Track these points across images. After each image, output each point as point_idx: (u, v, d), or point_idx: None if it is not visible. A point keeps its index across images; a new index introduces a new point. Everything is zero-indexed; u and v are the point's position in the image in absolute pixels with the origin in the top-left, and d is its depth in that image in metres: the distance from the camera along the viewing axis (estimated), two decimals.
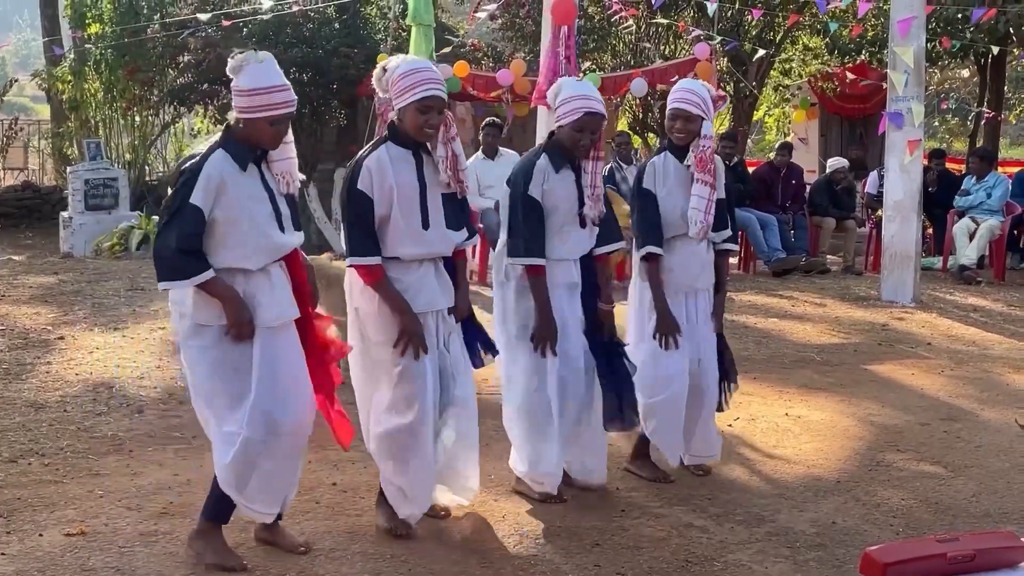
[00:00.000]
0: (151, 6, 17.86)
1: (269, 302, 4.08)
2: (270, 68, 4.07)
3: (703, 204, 5.20)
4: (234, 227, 4.00)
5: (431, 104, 4.33)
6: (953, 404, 6.98)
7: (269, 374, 4.04)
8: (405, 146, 4.42)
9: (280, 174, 4.17)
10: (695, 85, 5.29)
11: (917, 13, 10.71)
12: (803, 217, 13.41)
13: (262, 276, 4.09)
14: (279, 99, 4.02)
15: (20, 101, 41.32)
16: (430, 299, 4.49)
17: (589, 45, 20.65)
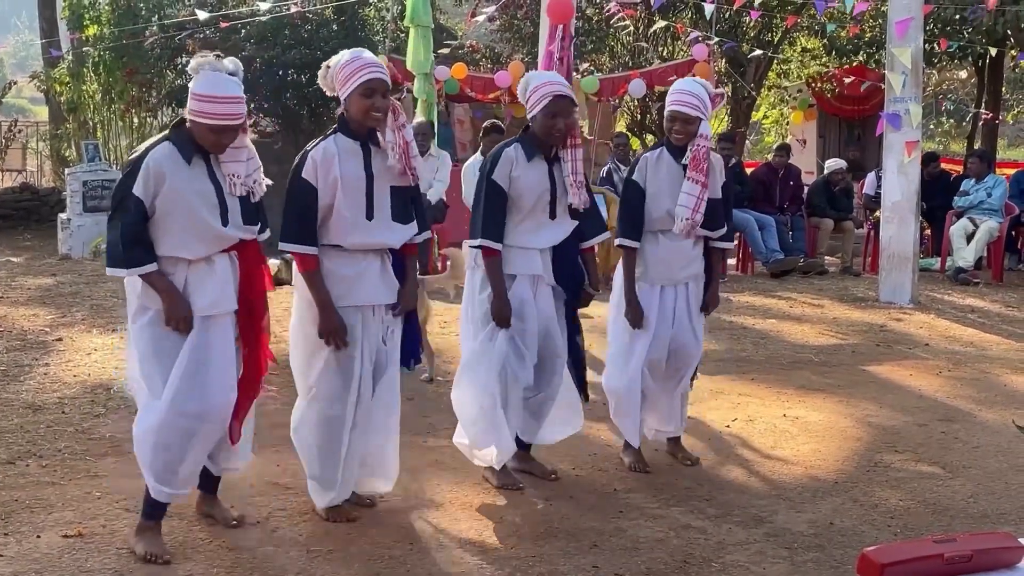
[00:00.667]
0: (149, 8, 17.86)
1: (206, 291, 4.17)
2: (224, 79, 4.14)
3: (691, 201, 5.26)
4: (174, 217, 4.11)
5: (374, 87, 4.38)
6: (951, 405, 6.98)
7: (194, 362, 4.14)
8: (354, 137, 4.46)
9: (229, 176, 4.22)
10: (693, 86, 5.31)
11: (915, 14, 10.71)
12: (801, 218, 13.41)
13: (204, 265, 4.19)
14: (222, 111, 4.08)
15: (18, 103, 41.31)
16: (371, 293, 4.55)
17: (587, 47, 20.67)
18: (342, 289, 4.48)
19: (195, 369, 4.13)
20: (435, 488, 5.16)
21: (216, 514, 4.53)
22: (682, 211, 5.25)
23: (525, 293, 5.06)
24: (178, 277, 4.16)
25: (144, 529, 4.25)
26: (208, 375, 4.16)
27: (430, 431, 6.05)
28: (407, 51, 12.75)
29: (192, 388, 4.12)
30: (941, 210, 13.36)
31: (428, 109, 12.30)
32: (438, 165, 11.09)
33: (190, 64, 4.20)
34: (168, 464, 4.17)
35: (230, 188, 4.22)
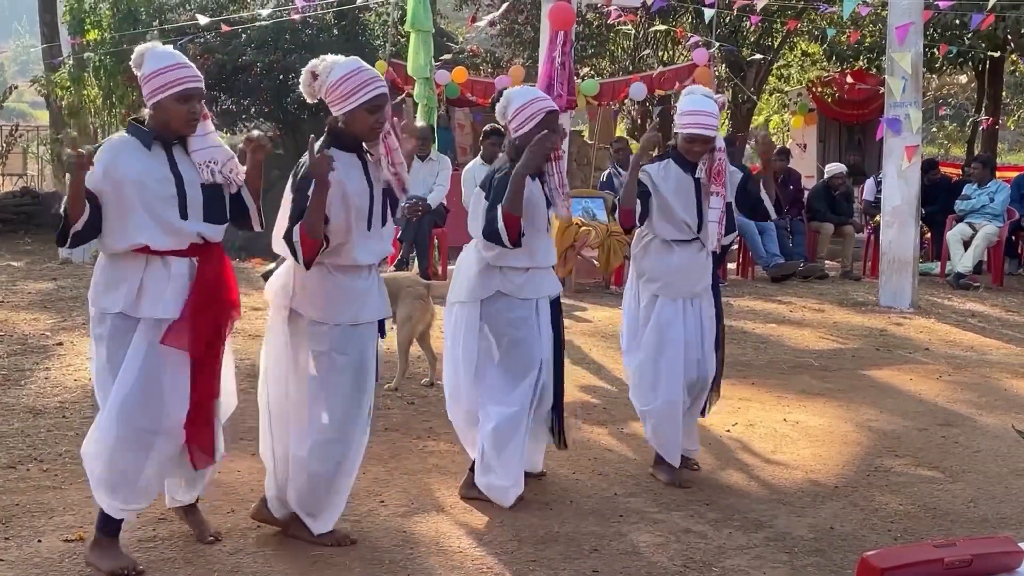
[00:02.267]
0: (150, 12, 17.88)
1: (159, 295, 4.05)
2: (168, 51, 4.11)
3: (717, 215, 5.28)
4: (129, 205, 3.99)
5: (379, 103, 4.29)
6: (951, 409, 6.98)
7: (146, 371, 4.02)
8: (349, 149, 4.36)
9: (202, 163, 4.13)
10: (706, 104, 5.25)
11: (915, 19, 10.73)
12: (801, 222, 13.43)
13: (160, 267, 4.06)
14: (183, 74, 4.03)
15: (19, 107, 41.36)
16: (374, 308, 4.48)
17: (588, 51, 20.70)
18: (355, 306, 4.38)
19: (147, 378, 4.01)
20: (435, 492, 5.15)
21: (193, 527, 4.42)
22: (713, 227, 5.28)
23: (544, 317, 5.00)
24: (132, 280, 4.03)
25: (104, 545, 4.14)
26: (161, 385, 4.04)
27: (430, 435, 6.05)
28: (408, 55, 12.75)
29: (145, 399, 4.01)
30: (941, 214, 13.38)
31: (428, 113, 12.30)
32: (438, 169, 11.09)
33: (132, 61, 4.12)
34: (123, 479, 4.06)
35: (207, 175, 4.11)
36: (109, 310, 4.06)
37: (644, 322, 5.42)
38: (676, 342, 5.32)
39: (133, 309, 4.04)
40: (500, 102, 5.06)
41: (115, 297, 4.05)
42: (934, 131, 32.26)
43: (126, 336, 4.05)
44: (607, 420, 6.47)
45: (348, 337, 4.37)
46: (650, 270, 5.39)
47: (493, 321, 4.97)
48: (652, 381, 5.37)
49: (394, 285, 6.77)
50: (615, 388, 6.88)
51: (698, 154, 5.27)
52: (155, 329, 4.05)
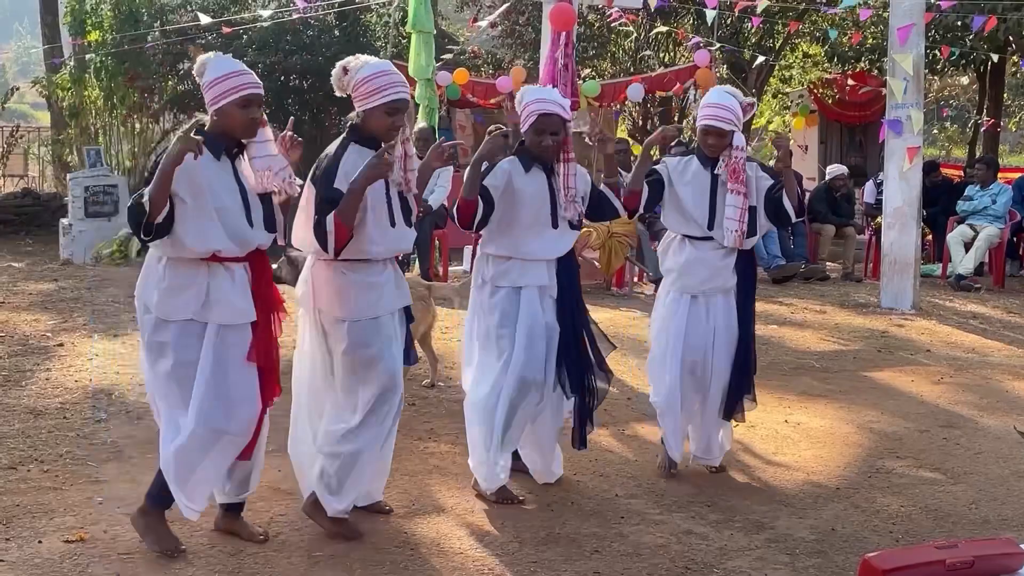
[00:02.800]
0: (151, 13, 17.86)
1: (227, 301, 4.13)
2: (229, 59, 4.21)
3: (736, 213, 5.30)
4: (201, 211, 4.04)
5: (398, 107, 4.40)
6: (952, 411, 6.98)
7: (217, 375, 4.12)
8: (368, 146, 4.42)
9: (259, 172, 4.21)
10: (726, 98, 5.29)
11: (916, 21, 10.73)
12: (803, 224, 13.41)
13: (224, 274, 4.15)
14: (245, 80, 4.14)
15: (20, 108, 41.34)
16: (397, 298, 4.58)
17: (589, 52, 20.70)
18: (373, 298, 4.46)
19: (218, 381, 4.11)
20: (436, 493, 5.15)
21: (242, 533, 4.47)
22: (731, 224, 5.29)
23: (534, 308, 5.01)
24: (199, 286, 4.10)
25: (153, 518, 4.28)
26: (229, 388, 4.14)
27: (431, 436, 6.05)
28: (409, 57, 12.75)
29: (216, 402, 4.10)
30: (942, 216, 13.37)
31: (430, 114, 12.30)
32: (439, 171, 11.08)
33: (195, 68, 4.22)
34: (198, 480, 4.19)
35: (262, 183, 4.20)
36: (173, 316, 4.11)
37: (655, 315, 5.59)
38: (675, 338, 5.38)
39: (202, 315, 4.12)
40: (518, 96, 5.19)
41: (181, 303, 4.11)
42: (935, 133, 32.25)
43: (195, 341, 4.12)
44: (608, 421, 6.46)
45: (369, 331, 4.46)
46: (667, 265, 5.52)
47: (481, 308, 5.12)
48: (657, 374, 5.49)
49: None
50: (616, 389, 6.86)
51: (713, 147, 5.29)
52: (223, 334, 4.13)
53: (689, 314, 5.40)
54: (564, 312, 5.09)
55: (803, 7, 17.49)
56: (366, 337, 4.44)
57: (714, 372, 5.44)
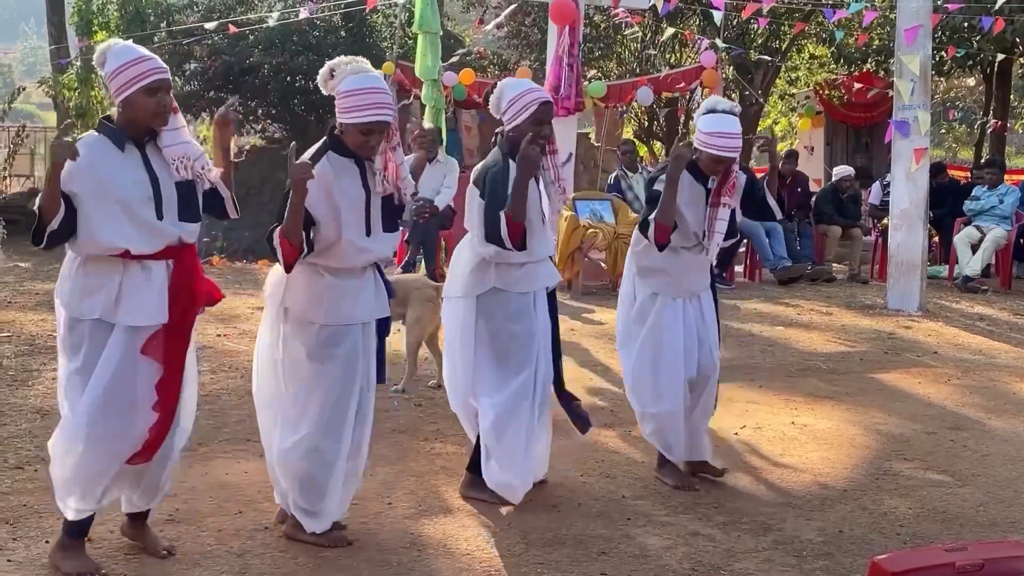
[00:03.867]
0: (157, 14, 17.91)
1: (140, 301, 3.99)
2: (130, 46, 4.06)
3: (723, 226, 5.28)
4: (104, 207, 3.92)
5: (373, 128, 4.27)
6: (960, 413, 6.96)
7: (116, 377, 3.96)
8: (347, 155, 4.34)
9: (175, 159, 4.05)
10: (733, 125, 5.19)
11: (923, 22, 10.71)
12: (809, 225, 13.40)
13: (140, 273, 3.99)
14: (148, 67, 3.95)
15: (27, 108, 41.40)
16: (370, 308, 4.47)
17: (595, 53, 20.69)
18: (345, 305, 4.36)
19: (120, 384, 3.96)
20: (442, 494, 5.15)
21: (147, 544, 4.30)
22: (718, 237, 5.27)
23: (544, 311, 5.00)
24: (111, 285, 3.96)
25: (68, 547, 4.11)
26: (135, 392, 4.00)
27: (438, 437, 6.04)
28: (415, 57, 12.76)
29: (118, 407, 3.96)
30: (949, 217, 13.35)
31: (436, 115, 12.31)
32: (445, 171, 11.08)
33: (94, 60, 4.07)
34: (88, 483, 4.03)
35: (178, 170, 4.03)
36: (85, 316, 3.98)
37: (639, 318, 5.41)
38: (675, 345, 5.29)
39: (111, 315, 3.98)
40: (493, 94, 5.02)
41: (93, 303, 3.97)
42: (942, 133, 32.22)
43: (101, 342, 3.98)
44: (614, 422, 6.46)
45: (337, 337, 4.36)
46: (652, 268, 5.36)
47: (489, 316, 4.96)
48: (652, 385, 5.35)
49: (404, 287, 6.77)
50: (621, 390, 6.84)
51: (719, 172, 5.26)
52: (130, 335, 3.99)
53: (684, 320, 5.34)
54: (550, 307, 5.10)
55: (809, 8, 17.49)
56: (334, 343, 4.35)
57: (710, 371, 5.44)
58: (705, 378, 5.41)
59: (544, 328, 5.01)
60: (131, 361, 3.99)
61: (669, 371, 5.29)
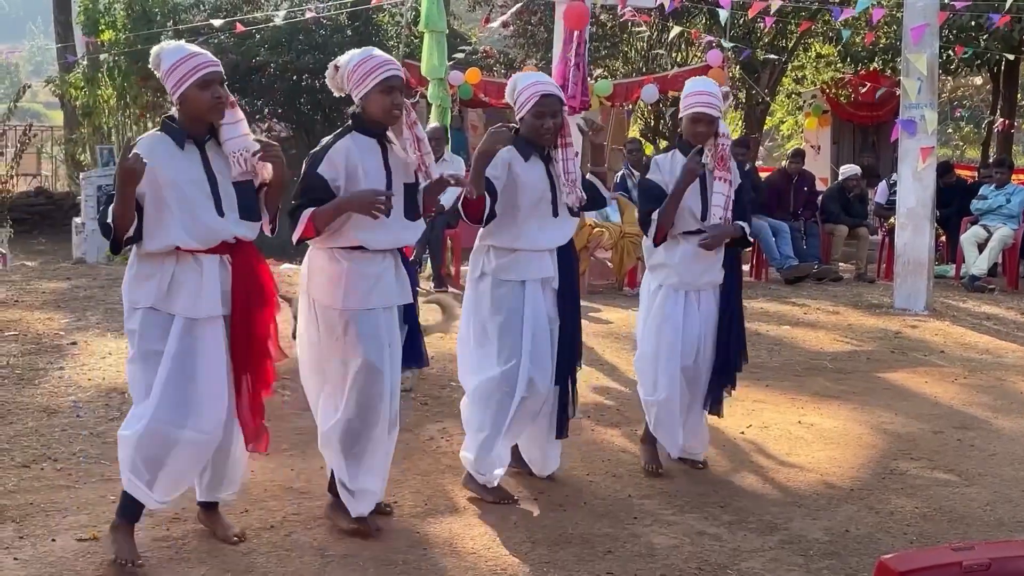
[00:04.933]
0: (164, 13, 17.91)
1: (192, 292, 4.06)
2: (181, 44, 4.16)
3: (723, 200, 5.33)
4: (166, 206, 3.99)
5: (394, 84, 4.36)
6: (967, 412, 6.95)
7: (178, 369, 4.04)
8: (370, 135, 4.42)
9: (233, 154, 4.12)
10: (709, 85, 5.36)
11: (930, 20, 10.69)
12: (815, 224, 13.39)
13: (192, 264, 4.07)
14: (199, 61, 4.04)
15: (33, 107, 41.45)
16: (392, 294, 4.51)
17: (601, 52, 20.67)
18: (365, 290, 4.41)
19: (179, 377, 4.04)
20: (448, 493, 5.15)
21: (217, 530, 4.43)
22: (717, 210, 5.31)
23: (538, 303, 4.99)
24: (163, 274, 4.04)
25: (118, 530, 4.19)
26: (195, 384, 4.07)
27: (444, 435, 6.04)
28: (421, 56, 12.76)
29: (178, 397, 4.04)
30: (956, 217, 13.32)
31: (442, 114, 12.31)
32: (452, 170, 11.08)
33: (150, 63, 4.16)
34: (151, 471, 4.09)
35: (238, 165, 4.11)
36: (139, 304, 4.08)
37: (646, 311, 5.53)
38: (674, 335, 5.38)
39: (164, 304, 4.06)
40: (509, 85, 5.13)
41: (146, 291, 4.06)
42: (949, 132, 32.16)
43: (158, 331, 4.06)
44: (621, 421, 6.46)
45: (359, 322, 4.41)
46: (658, 261, 5.46)
47: (477, 301, 5.05)
48: (652, 374, 5.44)
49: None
50: (628, 389, 6.86)
51: (703, 136, 5.29)
52: (186, 327, 4.07)
53: (685, 311, 5.41)
54: (563, 303, 5.07)
55: (816, 7, 17.46)
56: (356, 329, 4.41)
57: (704, 366, 5.48)
58: (700, 372, 5.47)
59: (536, 321, 4.99)
60: (191, 353, 4.07)
61: (667, 361, 5.38)
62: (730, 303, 5.52)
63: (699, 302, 5.43)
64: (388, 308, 4.51)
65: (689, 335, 5.40)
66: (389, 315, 4.52)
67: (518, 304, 4.97)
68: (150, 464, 4.09)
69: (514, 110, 5.02)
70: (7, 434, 5.71)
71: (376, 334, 4.44)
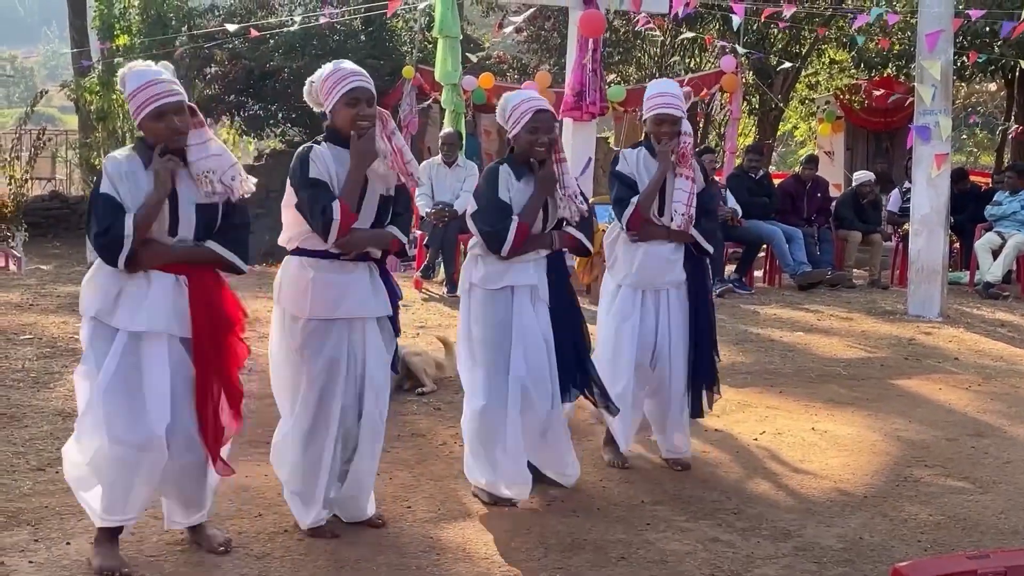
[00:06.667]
0: (179, 18, 17.99)
1: (134, 305, 4.02)
2: (145, 68, 4.12)
3: (684, 197, 5.43)
4: None
5: (358, 96, 4.35)
6: (981, 420, 6.93)
7: (122, 382, 4.00)
8: (343, 146, 4.41)
9: (200, 175, 4.09)
10: (672, 87, 5.51)
11: (945, 27, 10.67)
12: (829, 230, 13.36)
13: (142, 280, 4.05)
14: (155, 91, 4.02)
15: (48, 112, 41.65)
16: (360, 305, 4.49)
17: (614, 58, 20.69)
18: (330, 299, 4.40)
19: (124, 390, 3.98)
20: (462, 498, 5.15)
21: (202, 542, 4.36)
22: (679, 207, 5.41)
23: (527, 314, 4.98)
24: (111, 287, 4.03)
25: (101, 542, 4.15)
26: (135, 400, 4.00)
27: (457, 440, 6.04)
28: (435, 62, 12.78)
29: (118, 410, 3.98)
30: (970, 223, 13.29)
31: (455, 119, 12.32)
32: (465, 175, 11.12)
33: (118, 83, 4.19)
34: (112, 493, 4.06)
35: (205, 187, 4.08)
36: (86, 313, 4.10)
37: (606, 310, 5.60)
38: (629, 333, 5.46)
39: (107, 316, 4.04)
40: (499, 105, 5.13)
41: (92, 300, 4.07)
42: (963, 139, 32.08)
43: (103, 343, 4.04)
44: None
45: (322, 332, 4.43)
46: (617, 262, 5.55)
47: (468, 313, 5.08)
48: (610, 372, 5.44)
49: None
50: None
51: (668, 135, 5.40)
52: (133, 341, 4.03)
53: (642, 311, 5.48)
54: (557, 313, 5.07)
55: (829, 13, 17.44)
56: (316, 338, 4.42)
57: (672, 369, 5.54)
58: (661, 369, 5.52)
59: (527, 332, 4.97)
60: (135, 369, 4.02)
61: (623, 358, 5.47)
62: (699, 304, 5.58)
63: (659, 302, 5.51)
64: (357, 320, 4.49)
65: (646, 334, 5.48)
66: (356, 326, 4.50)
67: (507, 314, 4.97)
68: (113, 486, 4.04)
69: (507, 129, 5.03)
70: (22, 437, 5.73)
71: (339, 345, 4.44)
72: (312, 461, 4.49)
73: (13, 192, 16.68)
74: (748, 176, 12.81)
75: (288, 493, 4.58)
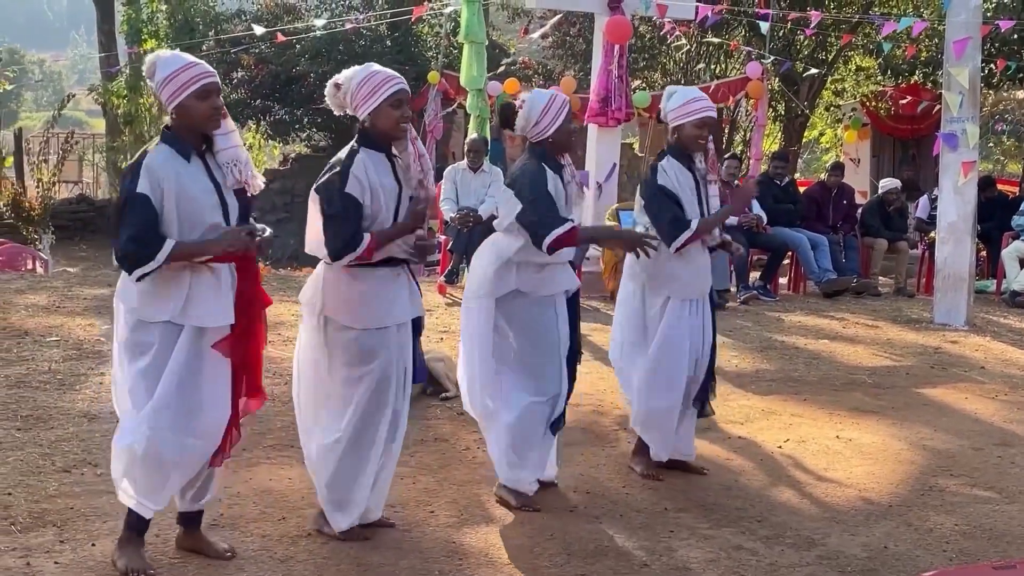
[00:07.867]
0: (206, 23, 18.09)
1: (209, 303, 4.06)
2: (177, 53, 4.15)
3: (718, 204, 5.51)
4: (179, 218, 3.98)
5: (402, 98, 4.40)
6: (1007, 429, 6.88)
7: (186, 376, 4.03)
8: (379, 150, 4.43)
9: (227, 164, 4.12)
10: (695, 91, 5.50)
11: (973, 34, 10.61)
12: (854, 238, 13.29)
13: (209, 276, 4.08)
14: (197, 71, 4.02)
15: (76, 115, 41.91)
16: (406, 309, 4.55)
17: (640, 64, 20.67)
18: (382, 307, 4.44)
19: (187, 383, 4.03)
20: (485, 503, 5.15)
21: (204, 549, 4.35)
22: None
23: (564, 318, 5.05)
24: (181, 287, 4.02)
25: (127, 543, 4.17)
26: (201, 390, 4.06)
27: (480, 445, 6.03)
28: (461, 67, 12.80)
29: (183, 405, 4.02)
30: (997, 231, 13.21)
31: (481, 125, 12.33)
32: (490, 180, 11.13)
33: (144, 71, 4.16)
34: (157, 480, 4.08)
35: (232, 175, 4.11)
36: (155, 319, 4.04)
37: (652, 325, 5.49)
38: (682, 345, 5.43)
39: (181, 317, 4.05)
40: (521, 112, 5.08)
41: (162, 306, 4.03)
42: (991, 147, 31.89)
43: (170, 343, 4.05)
44: None
45: (376, 340, 4.46)
46: (661, 274, 5.42)
47: (511, 318, 5.03)
48: (663, 383, 5.43)
49: None
50: None
51: (704, 140, 5.40)
52: (197, 336, 4.07)
53: (690, 320, 5.48)
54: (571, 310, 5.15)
55: (856, 20, 17.38)
56: (371, 347, 4.44)
57: (698, 374, 5.56)
58: (696, 379, 5.54)
59: (563, 335, 5.08)
60: (198, 361, 4.07)
61: (674, 369, 5.43)
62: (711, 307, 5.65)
63: (697, 308, 5.51)
64: (403, 325, 4.55)
65: (694, 346, 5.48)
66: (400, 332, 4.54)
67: (551, 323, 5.03)
68: (150, 472, 4.06)
69: (538, 130, 5.02)
70: (48, 439, 5.76)
71: (390, 353, 4.48)
72: (359, 469, 4.50)
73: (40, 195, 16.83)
74: (773, 183, 12.77)
75: (326, 500, 4.55)
